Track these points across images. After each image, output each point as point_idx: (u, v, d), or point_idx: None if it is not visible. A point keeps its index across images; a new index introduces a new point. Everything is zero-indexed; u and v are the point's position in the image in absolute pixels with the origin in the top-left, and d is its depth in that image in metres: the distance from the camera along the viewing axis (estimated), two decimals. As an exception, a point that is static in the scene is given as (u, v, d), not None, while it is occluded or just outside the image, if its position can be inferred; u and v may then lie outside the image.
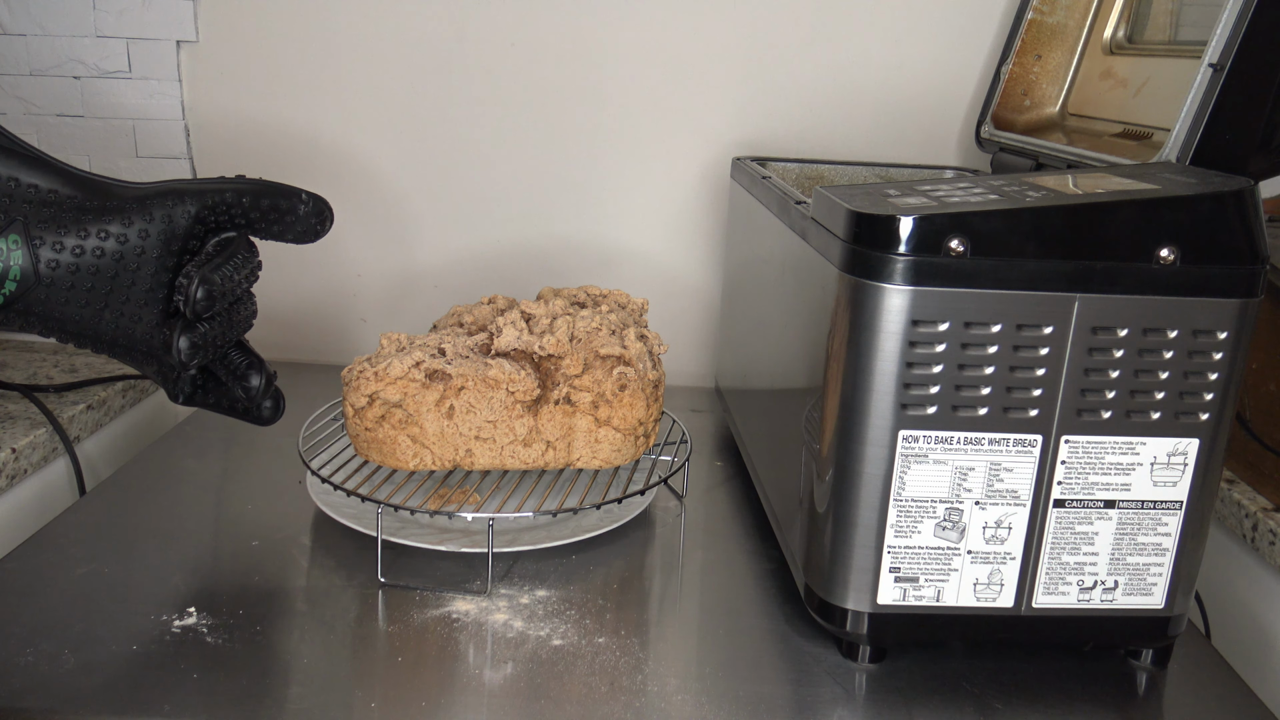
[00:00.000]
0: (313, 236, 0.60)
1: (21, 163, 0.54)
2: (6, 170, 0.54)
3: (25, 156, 0.55)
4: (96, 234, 0.55)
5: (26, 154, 0.55)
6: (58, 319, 0.56)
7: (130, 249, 0.56)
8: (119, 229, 0.55)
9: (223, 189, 0.58)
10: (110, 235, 0.55)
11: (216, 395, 0.64)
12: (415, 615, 0.63)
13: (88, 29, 1.02)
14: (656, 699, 0.57)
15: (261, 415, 0.64)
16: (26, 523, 0.85)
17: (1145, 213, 0.53)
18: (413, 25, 1.03)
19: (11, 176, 0.54)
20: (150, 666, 0.57)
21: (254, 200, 0.58)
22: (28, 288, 0.54)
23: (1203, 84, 0.62)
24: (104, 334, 0.57)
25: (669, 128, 1.05)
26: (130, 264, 0.56)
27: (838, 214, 0.56)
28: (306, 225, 0.59)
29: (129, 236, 0.55)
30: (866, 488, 0.57)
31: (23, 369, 1.00)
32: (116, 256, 0.55)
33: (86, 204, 0.55)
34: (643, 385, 0.72)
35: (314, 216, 0.59)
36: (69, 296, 0.55)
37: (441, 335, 0.73)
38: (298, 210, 0.59)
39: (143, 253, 0.56)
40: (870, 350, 0.55)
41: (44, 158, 0.56)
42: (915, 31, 1.02)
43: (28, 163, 0.55)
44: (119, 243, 0.55)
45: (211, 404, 0.64)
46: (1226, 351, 0.55)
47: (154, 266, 0.56)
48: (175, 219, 0.57)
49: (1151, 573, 0.59)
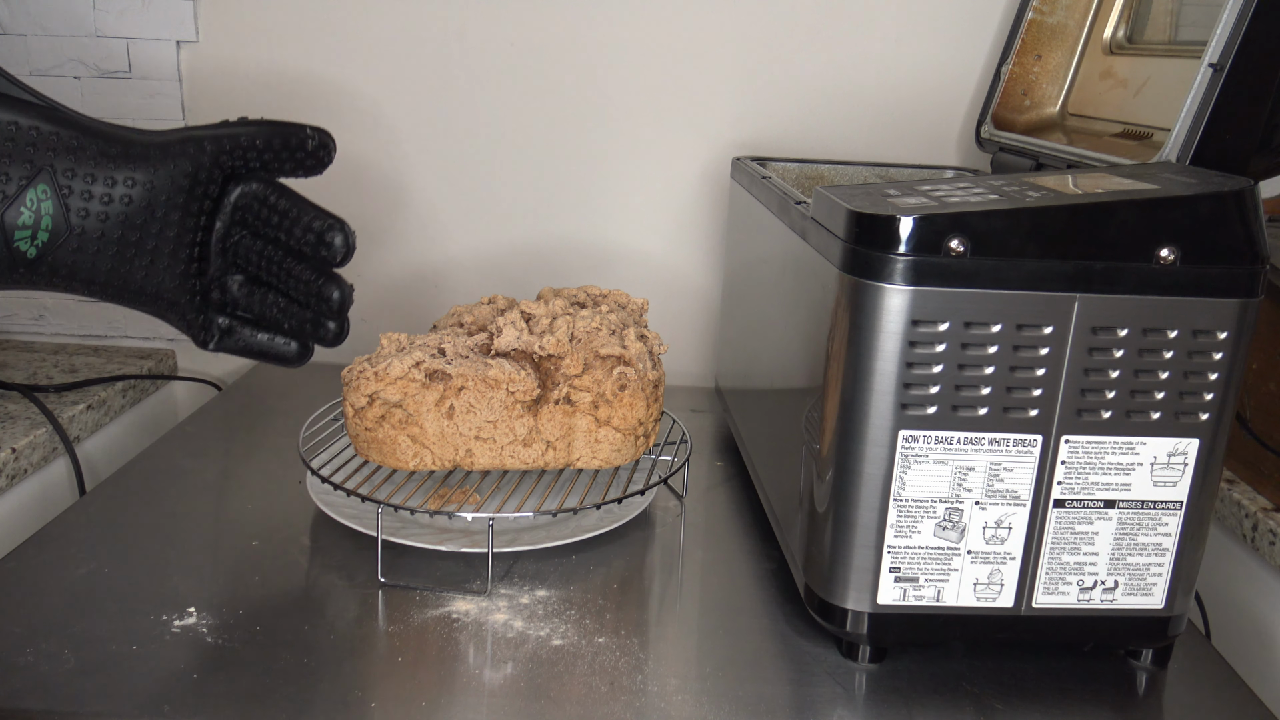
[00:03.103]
0: (319, 168, 0.62)
1: (41, 114, 0.55)
2: (29, 121, 0.54)
3: (44, 108, 0.55)
4: (124, 181, 0.55)
5: (45, 105, 0.55)
6: (87, 273, 0.56)
7: (157, 195, 0.56)
8: (145, 176, 0.56)
9: (236, 132, 0.59)
10: (137, 182, 0.55)
11: (248, 338, 0.64)
12: (415, 615, 0.63)
13: (88, 29, 1.02)
14: (656, 699, 0.57)
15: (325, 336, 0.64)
16: (26, 523, 0.85)
17: (1145, 213, 0.53)
18: (413, 26, 1.03)
19: (34, 126, 0.54)
20: (150, 666, 0.57)
21: (266, 140, 0.59)
22: (61, 238, 0.54)
23: (1203, 84, 0.62)
24: (132, 286, 0.57)
25: (669, 128, 1.05)
26: (158, 211, 0.56)
27: (838, 214, 0.56)
28: (315, 159, 0.61)
29: (155, 183, 0.56)
30: (866, 488, 0.57)
31: (23, 369, 1.00)
32: (144, 204, 0.56)
33: (110, 151, 0.55)
34: (643, 385, 0.72)
35: (320, 149, 0.61)
36: (100, 247, 0.55)
37: (441, 335, 0.73)
38: (306, 145, 0.61)
39: (169, 199, 0.56)
40: (870, 350, 0.55)
41: (62, 109, 0.56)
42: (915, 31, 1.02)
43: (47, 114, 0.55)
44: (146, 189, 0.56)
45: (242, 348, 0.65)
46: (1226, 351, 0.55)
47: (180, 213, 0.57)
48: (198, 163, 0.57)
49: (1151, 573, 0.59)
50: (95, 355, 1.06)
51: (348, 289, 0.62)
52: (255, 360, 0.65)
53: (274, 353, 0.64)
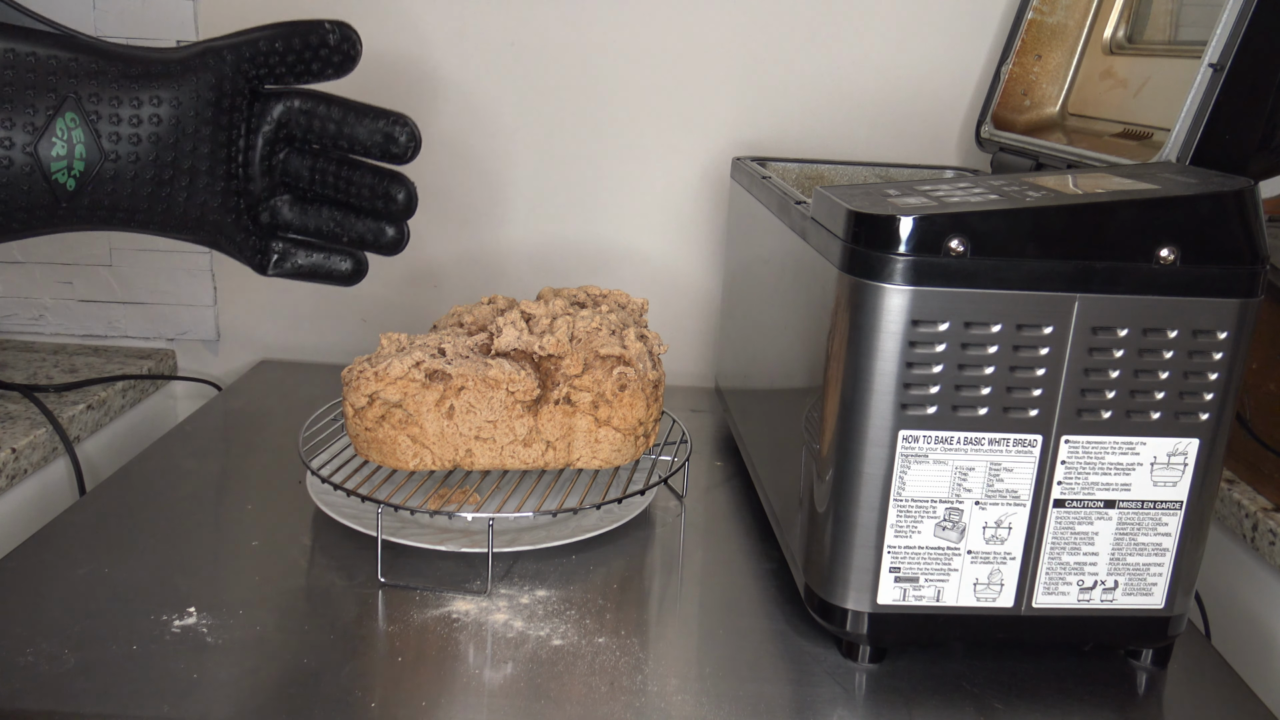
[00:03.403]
0: (350, 64, 0.61)
1: (57, 42, 0.54)
2: (46, 50, 0.53)
3: (60, 36, 0.54)
4: (150, 101, 0.54)
5: (61, 33, 0.55)
6: (128, 202, 0.55)
7: (185, 113, 0.55)
8: (170, 93, 0.55)
9: (254, 37, 0.58)
10: (163, 100, 0.55)
11: (304, 259, 0.64)
12: (415, 615, 0.63)
13: (88, 29, 1.02)
14: (656, 699, 0.57)
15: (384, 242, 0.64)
16: (26, 523, 0.85)
17: (1145, 213, 0.53)
18: (412, 26, 1.03)
19: (52, 55, 0.53)
20: (150, 666, 0.57)
21: (285, 41, 0.59)
22: (97, 166, 0.53)
23: (1203, 84, 0.62)
24: (175, 212, 0.56)
25: (669, 128, 1.05)
26: (189, 127, 0.56)
27: (838, 214, 0.56)
28: (341, 54, 0.60)
29: (181, 100, 0.55)
30: (866, 488, 0.57)
31: (23, 369, 1.00)
32: (174, 122, 0.55)
33: (131, 73, 0.54)
34: (643, 385, 0.72)
35: (344, 42, 0.60)
36: (136, 171, 0.54)
37: (441, 335, 0.73)
38: (328, 40, 0.60)
39: (198, 114, 0.56)
40: (870, 350, 0.55)
41: (78, 35, 0.55)
42: (915, 32, 1.02)
43: (64, 42, 0.54)
44: (173, 107, 0.55)
45: (298, 270, 0.64)
46: (1226, 351, 0.55)
47: (211, 127, 0.56)
48: (221, 74, 0.57)
49: (1151, 573, 0.59)
50: (95, 355, 1.06)
51: (412, 186, 0.62)
52: (313, 282, 0.64)
53: (330, 271, 0.64)
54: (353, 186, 0.62)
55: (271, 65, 0.59)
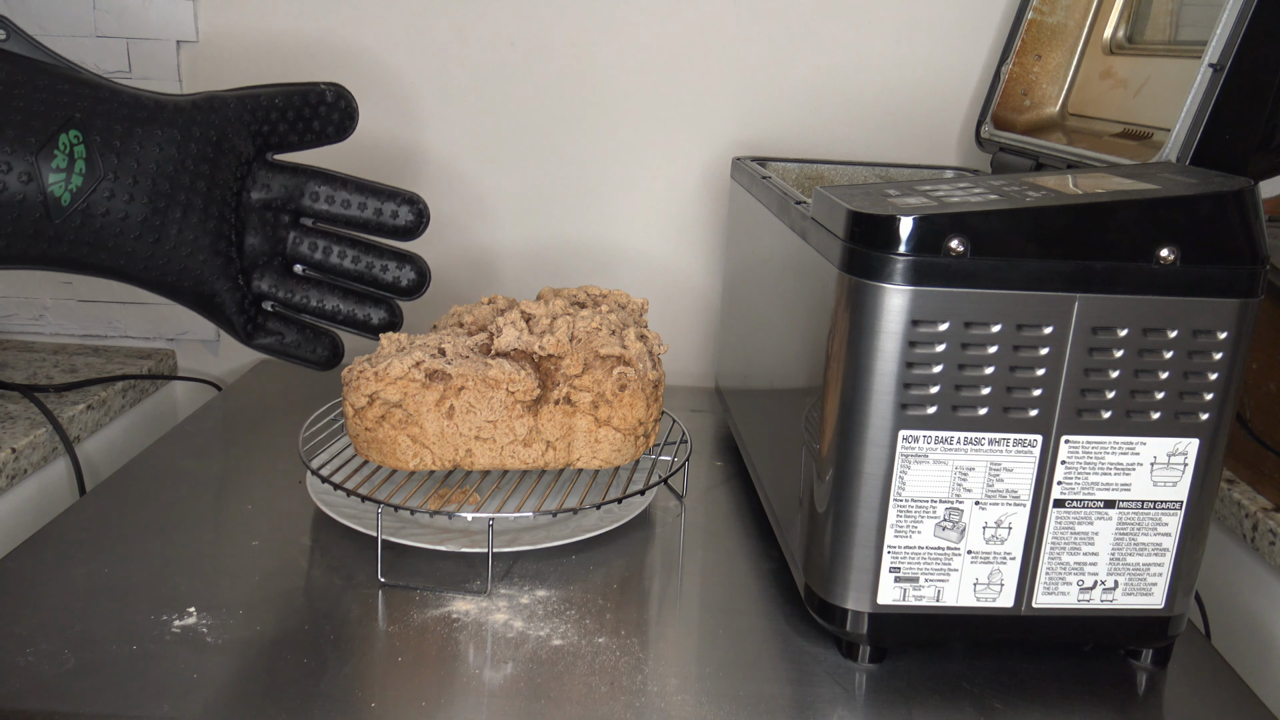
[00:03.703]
0: (350, 124, 0.62)
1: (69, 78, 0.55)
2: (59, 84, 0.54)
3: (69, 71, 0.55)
4: (152, 138, 0.55)
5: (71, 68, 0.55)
6: (118, 227, 0.55)
7: (186, 153, 0.56)
8: (171, 133, 0.55)
9: (257, 92, 0.59)
10: (165, 140, 0.55)
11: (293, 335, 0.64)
12: (415, 615, 0.63)
13: (88, 29, 1.02)
14: (656, 699, 0.57)
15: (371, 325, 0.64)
16: (26, 523, 0.85)
17: (1145, 213, 0.53)
18: (413, 27, 1.03)
19: (64, 87, 0.54)
20: (150, 666, 0.57)
21: (286, 98, 0.59)
22: (94, 184, 0.53)
23: (1203, 84, 0.62)
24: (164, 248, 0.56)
25: (669, 128, 1.05)
26: (188, 166, 0.56)
27: (837, 214, 0.56)
28: (339, 112, 0.61)
29: (183, 141, 0.56)
30: (866, 488, 0.57)
31: (23, 369, 1.00)
32: (173, 161, 0.55)
33: (136, 110, 0.55)
34: (643, 385, 0.72)
35: (340, 99, 0.61)
36: (131, 196, 0.54)
37: (441, 335, 0.73)
38: (325, 98, 0.61)
39: (197, 154, 0.56)
40: (870, 350, 0.55)
41: (86, 72, 0.56)
42: (915, 31, 1.02)
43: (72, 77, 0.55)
44: (174, 147, 0.55)
45: (286, 348, 0.65)
46: (1226, 351, 0.55)
47: (207, 179, 0.56)
48: (224, 121, 0.57)
49: (1151, 573, 0.59)
50: (95, 355, 1.06)
51: (424, 265, 0.63)
52: (287, 361, 0.65)
53: (307, 356, 0.65)
54: (362, 266, 0.62)
55: (274, 121, 0.59)
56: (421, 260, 0.64)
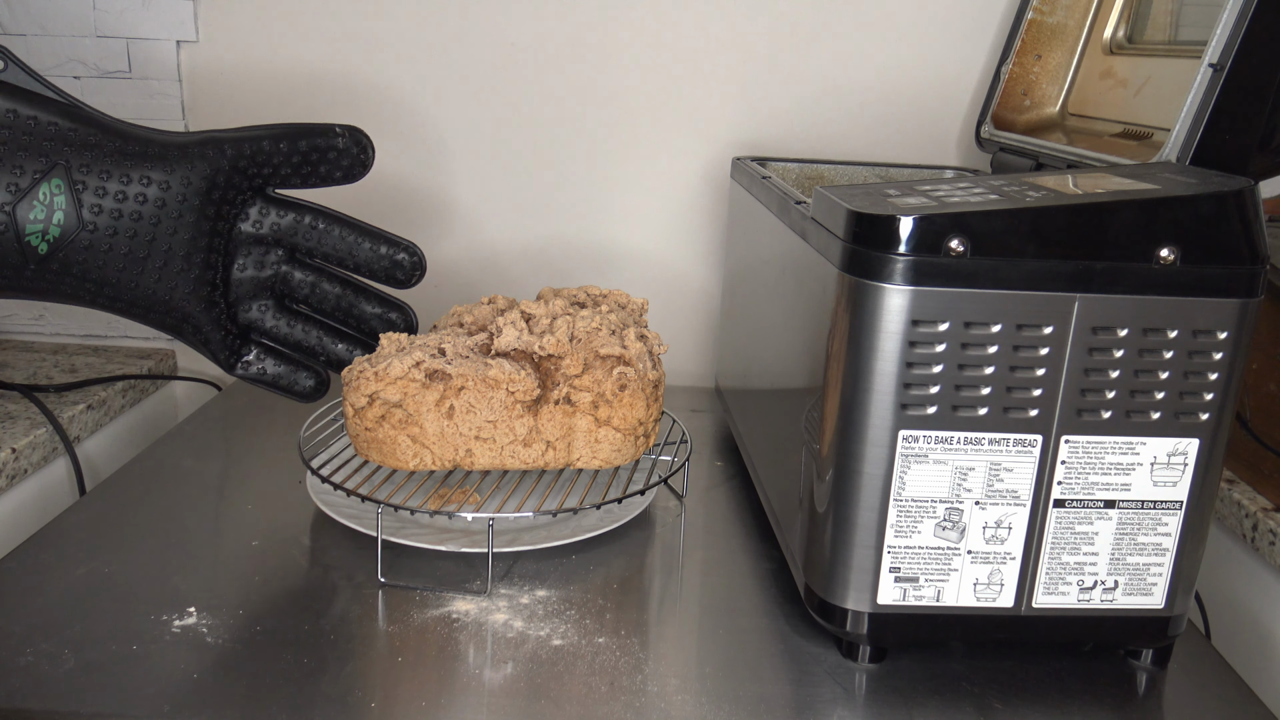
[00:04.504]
0: (360, 170, 0.60)
1: (60, 110, 0.54)
2: (48, 116, 0.53)
3: (65, 105, 0.54)
4: (139, 180, 0.54)
5: (66, 102, 0.54)
6: (99, 273, 0.54)
7: (173, 197, 0.55)
8: (161, 175, 0.55)
9: (259, 135, 0.57)
10: (153, 182, 0.54)
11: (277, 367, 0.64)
12: (415, 615, 0.63)
13: (88, 29, 1.02)
14: (656, 699, 0.57)
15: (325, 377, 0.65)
16: (26, 523, 0.85)
17: (1145, 213, 0.53)
18: (413, 27, 1.03)
19: (53, 122, 0.53)
20: (150, 666, 0.57)
21: (291, 144, 0.57)
22: (72, 235, 0.53)
23: (1203, 84, 0.62)
24: (143, 294, 0.56)
25: (669, 128, 1.05)
26: (173, 212, 0.55)
27: (838, 214, 0.56)
28: (350, 158, 0.59)
29: (171, 184, 0.55)
30: (866, 488, 0.57)
31: (23, 369, 1.00)
32: (159, 204, 0.55)
33: (127, 150, 0.54)
34: (643, 385, 0.72)
35: (354, 147, 0.59)
36: (111, 244, 0.54)
37: (441, 335, 0.73)
38: (336, 145, 0.59)
39: (184, 200, 0.55)
40: (870, 350, 0.55)
41: (83, 106, 0.55)
42: (915, 31, 1.02)
43: (66, 111, 0.54)
44: (161, 189, 0.55)
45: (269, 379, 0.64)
46: (1226, 351, 0.55)
47: (195, 217, 0.56)
48: (217, 166, 0.56)
49: (1151, 573, 0.59)
50: (95, 355, 1.07)
51: (413, 314, 0.62)
52: (272, 392, 0.65)
53: (292, 385, 0.65)
54: (353, 310, 0.62)
55: (275, 166, 0.58)
56: (410, 309, 0.64)
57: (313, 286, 0.62)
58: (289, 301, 0.63)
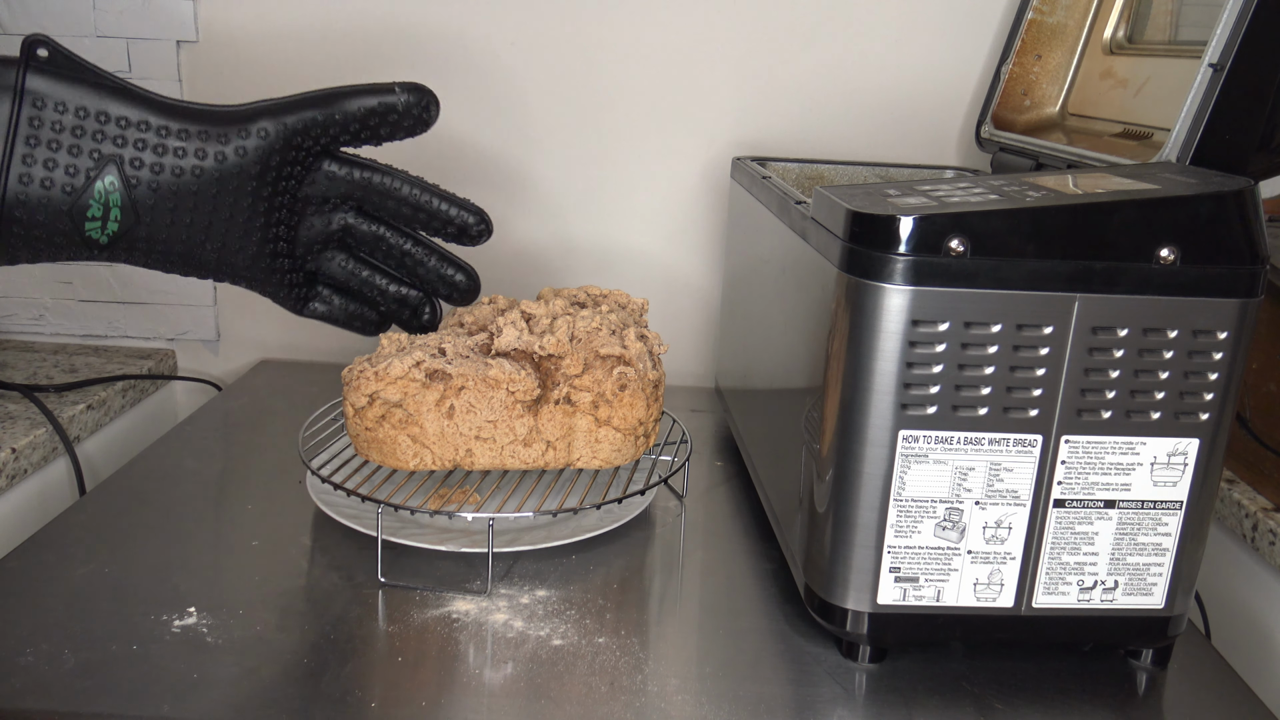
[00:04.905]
0: (423, 125, 0.60)
1: (110, 94, 0.54)
2: (97, 105, 0.53)
3: (114, 88, 0.54)
4: (195, 154, 0.54)
5: (115, 85, 0.54)
6: (162, 249, 0.55)
7: (229, 169, 0.55)
8: (216, 148, 0.55)
9: (313, 98, 0.57)
10: (208, 155, 0.55)
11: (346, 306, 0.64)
12: (415, 615, 0.63)
13: (88, 29, 1.02)
14: (656, 699, 0.57)
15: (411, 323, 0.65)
16: (26, 523, 0.85)
17: (1145, 213, 0.53)
18: (413, 28, 1.03)
19: (101, 111, 0.53)
20: (150, 666, 0.57)
21: (345, 111, 0.57)
22: (129, 227, 0.54)
23: (1203, 84, 0.62)
24: (207, 262, 0.57)
25: (669, 128, 1.05)
26: (230, 184, 0.55)
27: (837, 214, 0.56)
28: (412, 116, 0.59)
29: (227, 155, 0.55)
30: (866, 488, 0.57)
31: (23, 369, 1.00)
32: (215, 177, 0.55)
33: (178, 127, 0.54)
34: (643, 385, 0.72)
35: (416, 106, 0.59)
36: (173, 219, 0.55)
37: (441, 335, 0.73)
38: (395, 105, 0.58)
39: (241, 171, 0.55)
40: (870, 350, 0.55)
41: (132, 88, 0.55)
42: (915, 31, 1.02)
43: (116, 94, 0.54)
44: (217, 161, 0.55)
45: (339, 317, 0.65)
46: (1226, 351, 0.55)
47: (253, 187, 0.56)
48: (273, 139, 0.56)
49: (1151, 573, 0.59)
50: (95, 355, 1.07)
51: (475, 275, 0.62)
52: (341, 328, 0.65)
53: (362, 319, 0.65)
54: (419, 268, 0.62)
55: (333, 134, 0.58)
56: (473, 272, 0.64)
57: (379, 241, 0.62)
58: (358, 251, 0.63)
